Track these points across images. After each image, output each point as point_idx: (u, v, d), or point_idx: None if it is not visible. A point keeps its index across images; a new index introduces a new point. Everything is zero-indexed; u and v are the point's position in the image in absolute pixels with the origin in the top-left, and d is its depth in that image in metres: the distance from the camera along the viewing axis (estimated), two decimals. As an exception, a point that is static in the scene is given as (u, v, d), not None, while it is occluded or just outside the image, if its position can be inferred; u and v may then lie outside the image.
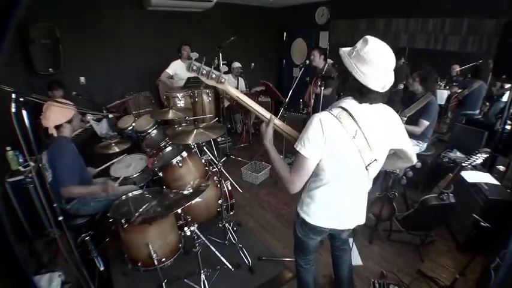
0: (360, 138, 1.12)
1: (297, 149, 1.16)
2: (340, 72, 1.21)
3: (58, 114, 1.92)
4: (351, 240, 1.80)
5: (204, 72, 1.22)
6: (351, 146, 1.13)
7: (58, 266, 2.07)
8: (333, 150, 1.14)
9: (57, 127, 1.93)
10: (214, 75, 1.23)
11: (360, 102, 1.15)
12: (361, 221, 1.39)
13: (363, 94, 1.12)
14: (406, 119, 2.51)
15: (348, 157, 1.16)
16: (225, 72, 1.30)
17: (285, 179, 1.22)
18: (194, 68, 1.21)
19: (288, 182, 1.20)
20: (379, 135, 1.16)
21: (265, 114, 1.32)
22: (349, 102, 1.16)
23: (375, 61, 1.05)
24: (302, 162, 1.16)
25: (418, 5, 4.28)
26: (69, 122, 1.97)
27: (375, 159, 1.19)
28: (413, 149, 1.34)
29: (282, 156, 3.89)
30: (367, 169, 1.19)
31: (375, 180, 1.36)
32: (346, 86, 1.16)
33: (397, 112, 2.37)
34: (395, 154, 1.33)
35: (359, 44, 1.09)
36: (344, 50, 1.14)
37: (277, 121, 1.32)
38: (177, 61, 4.06)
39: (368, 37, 1.08)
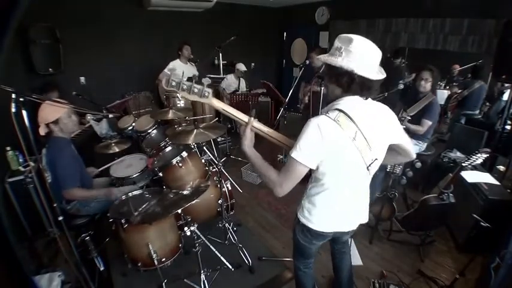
0: (359, 139, 1.09)
1: (291, 154, 1.10)
2: (336, 77, 1.10)
3: (45, 114, 1.85)
4: (350, 241, 1.79)
5: (185, 87, 1.13)
6: (351, 148, 1.10)
7: (58, 266, 2.07)
8: (333, 155, 1.10)
9: (47, 126, 1.87)
10: (196, 90, 1.14)
11: (366, 97, 1.14)
12: (364, 219, 1.37)
13: (366, 87, 1.10)
14: (409, 118, 2.50)
15: (349, 160, 1.13)
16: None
17: (272, 182, 1.15)
18: (173, 83, 1.11)
19: (276, 185, 1.14)
20: (377, 133, 1.15)
21: (244, 118, 1.24)
22: (345, 103, 1.12)
23: (366, 52, 1.06)
24: (294, 166, 1.10)
25: (418, 5, 4.27)
26: (55, 122, 1.87)
27: (376, 159, 1.18)
28: (411, 144, 1.33)
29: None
30: (368, 169, 1.17)
31: (374, 179, 1.35)
32: (353, 87, 1.09)
33: (399, 111, 2.37)
34: (394, 150, 1.30)
35: (341, 44, 1.07)
36: (323, 57, 1.11)
37: (258, 124, 1.24)
38: (175, 61, 4.03)
39: (343, 35, 1.08)
